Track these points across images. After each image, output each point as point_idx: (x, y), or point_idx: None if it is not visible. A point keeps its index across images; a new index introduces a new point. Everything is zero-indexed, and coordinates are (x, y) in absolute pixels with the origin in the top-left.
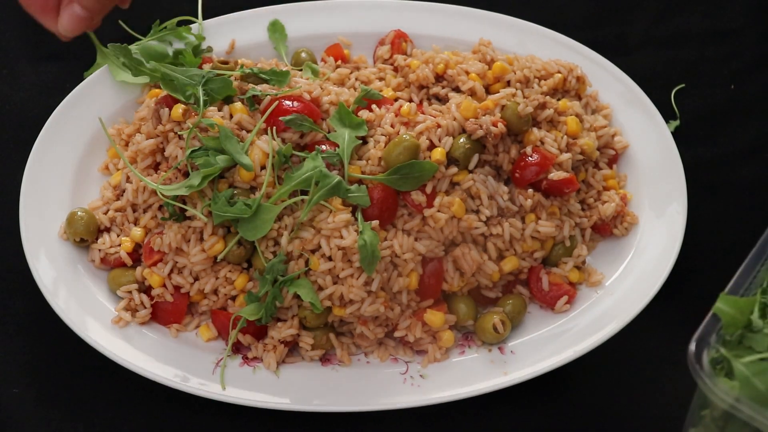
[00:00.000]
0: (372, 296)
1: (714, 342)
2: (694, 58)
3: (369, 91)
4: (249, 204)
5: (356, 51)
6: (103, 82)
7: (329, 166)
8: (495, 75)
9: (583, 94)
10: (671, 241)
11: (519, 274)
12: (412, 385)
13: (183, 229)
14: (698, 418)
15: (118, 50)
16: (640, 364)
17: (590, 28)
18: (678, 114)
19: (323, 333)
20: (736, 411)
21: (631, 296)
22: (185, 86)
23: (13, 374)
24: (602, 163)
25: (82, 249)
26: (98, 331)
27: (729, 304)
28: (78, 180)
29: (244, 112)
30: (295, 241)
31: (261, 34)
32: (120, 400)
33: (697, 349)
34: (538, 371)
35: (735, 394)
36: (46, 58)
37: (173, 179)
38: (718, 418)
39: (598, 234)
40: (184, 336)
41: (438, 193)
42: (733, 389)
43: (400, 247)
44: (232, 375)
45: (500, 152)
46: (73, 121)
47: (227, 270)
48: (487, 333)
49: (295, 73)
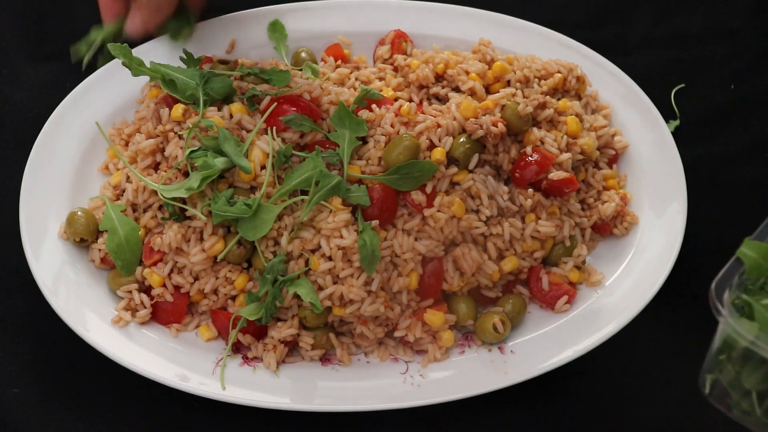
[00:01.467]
0: (372, 296)
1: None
2: (694, 58)
3: (369, 91)
4: (249, 204)
5: (356, 51)
6: (103, 82)
7: (329, 166)
8: (495, 75)
9: (583, 94)
10: (671, 241)
11: (519, 273)
12: (412, 385)
13: (183, 229)
14: (716, 364)
15: (118, 50)
16: (640, 364)
17: (590, 28)
18: (678, 114)
19: (323, 333)
20: (756, 348)
21: (631, 296)
22: (185, 86)
23: (13, 374)
24: (602, 162)
25: (82, 249)
26: (98, 331)
27: (753, 249)
28: (78, 180)
29: (244, 112)
30: (295, 241)
31: (261, 34)
32: (120, 400)
33: (717, 290)
34: (538, 371)
35: (757, 332)
36: (46, 58)
37: (173, 179)
38: (735, 361)
39: (598, 234)
40: (184, 336)
41: (438, 192)
42: (753, 328)
43: (400, 246)
44: (232, 375)
45: (500, 152)
46: (73, 121)
47: (227, 270)
48: (487, 333)
49: (295, 73)
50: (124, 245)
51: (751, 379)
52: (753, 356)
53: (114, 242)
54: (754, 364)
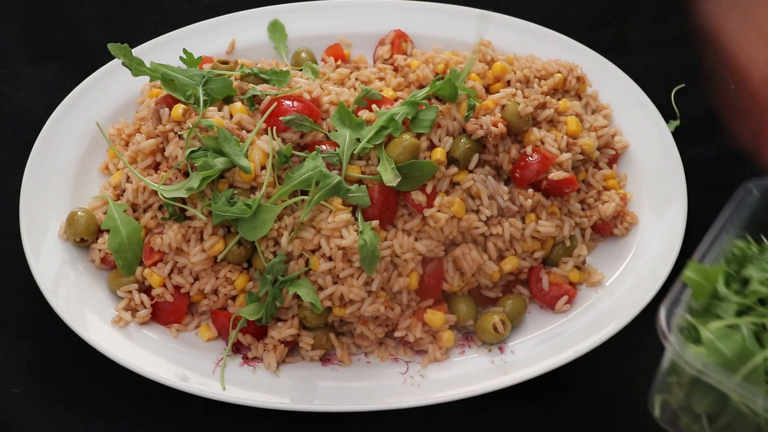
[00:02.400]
0: (372, 296)
1: (682, 311)
2: (694, 58)
3: (369, 91)
4: (249, 204)
5: (356, 51)
6: (103, 82)
7: (329, 166)
8: (495, 75)
9: (583, 94)
10: (671, 241)
11: (519, 274)
12: (412, 385)
13: (183, 229)
14: (665, 385)
15: (118, 50)
16: (640, 364)
17: (590, 28)
18: (678, 114)
19: (323, 333)
20: (703, 376)
21: (631, 296)
22: (185, 86)
23: (14, 374)
24: (602, 163)
25: (82, 249)
26: (98, 331)
27: (697, 272)
28: (78, 180)
29: (244, 112)
30: (296, 241)
31: (261, 34)
32: (120, 400)
33: (666, 316)
34: (538, 371)
35: (703, 359)
36: (46, 58)
37: (173, 179)
38: (685, 384)
39: (598, 234)
40: (184, 336)
41: (438, 193)
42: (700, 355)
43: (400, 247)
44: (232, 375)
45: (500, 152)
46: (73, 121)
47: (227, 270)
48: (487, 333)
49: (295, 73)
50: (125, 245)
51: (702, 404)
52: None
53: (116, 242)
54: (703, 389)
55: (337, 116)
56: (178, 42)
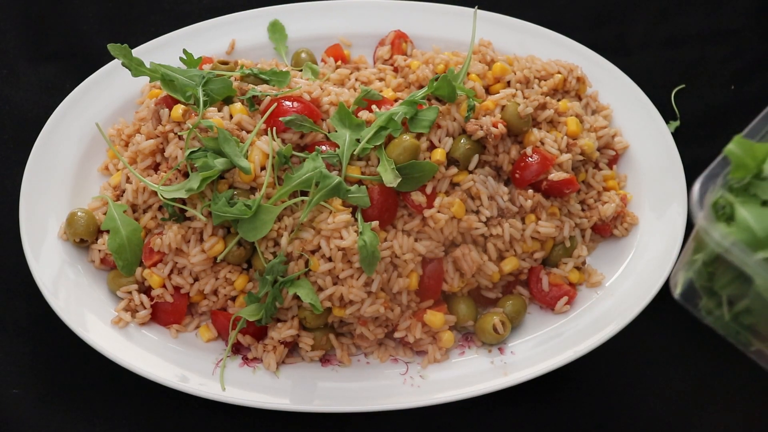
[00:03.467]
0: (372, 297)
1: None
2: (694, 58)
3: (369, 91)
4: (249, 205)
5: (356, 51)
6: (103, 82)
7: (329, 166)
8: (495, 75)
9: (583, 95)
10: (671, 241)
11: (519, 274)
12: (412, 386)
13: (183, 230)
14: (690, 263)
15: (118, 50)
16: (640, 364)
17: (590, 28)
18: (678, 114)
19: (323, 333)
20: (728, 255)
21: (631, 297)
22: (185, 87)
23: (13, 375)
24: (602, 163)
25: (82, 249)
26: (98, 332)
27: (741, 147)
28: (78, 180)
29: (244, 113)
30: (295, 241)
31: (261, 35)
32: (120, 400)
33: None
34: (538, 371)
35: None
36: (46, 58)
37: (173, 180)
38: (708, 263)
39: (598, 234)
40: (184, 336)
41: (438, 193)
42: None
43: (400, 247)
44: (232, 375)
45: (500, 153)
46: (73, 121)
47: (227, 271)
48: (487, 333)
49: (295, 73)
50: (125, 245)
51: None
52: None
53: (116, 242)
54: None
55: (336, 117)
56: (178, 42)
